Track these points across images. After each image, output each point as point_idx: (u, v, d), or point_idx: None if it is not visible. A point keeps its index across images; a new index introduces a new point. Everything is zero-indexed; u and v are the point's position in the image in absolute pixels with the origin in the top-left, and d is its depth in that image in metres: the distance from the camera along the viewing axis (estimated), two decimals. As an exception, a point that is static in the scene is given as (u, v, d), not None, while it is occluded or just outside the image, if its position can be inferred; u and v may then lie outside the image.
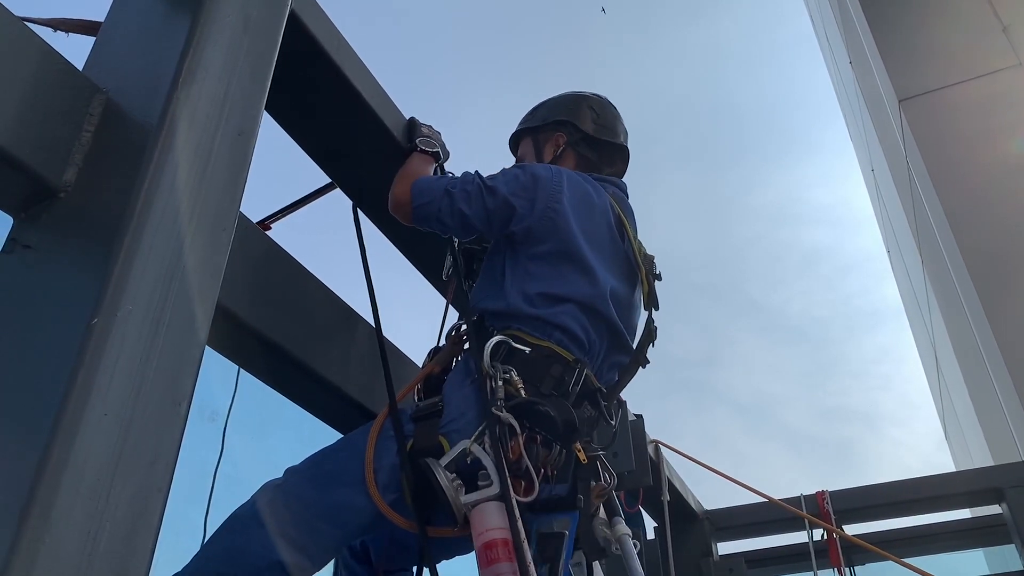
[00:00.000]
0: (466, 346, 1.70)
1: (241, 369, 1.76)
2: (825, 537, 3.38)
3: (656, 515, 3.27)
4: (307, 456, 1.57)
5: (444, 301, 2.11)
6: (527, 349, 1.54)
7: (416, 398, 1.67)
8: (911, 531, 3.52)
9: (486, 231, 1.73)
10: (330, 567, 1.82)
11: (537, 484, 1.39)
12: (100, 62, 1.13)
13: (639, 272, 1.82)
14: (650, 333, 1.83)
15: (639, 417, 2.85)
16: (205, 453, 1.73)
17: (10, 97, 0.94)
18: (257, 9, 1.20)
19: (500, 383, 1.45)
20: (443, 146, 1.91)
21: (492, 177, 1.72)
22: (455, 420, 1.48)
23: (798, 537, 3.58)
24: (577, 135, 1.97)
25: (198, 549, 1.45)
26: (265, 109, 1.19)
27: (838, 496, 3.50)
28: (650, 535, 3.42)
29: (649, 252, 1.89)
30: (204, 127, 1.02)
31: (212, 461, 1.72)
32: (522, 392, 1.46)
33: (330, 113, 1.74)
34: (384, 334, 1.82)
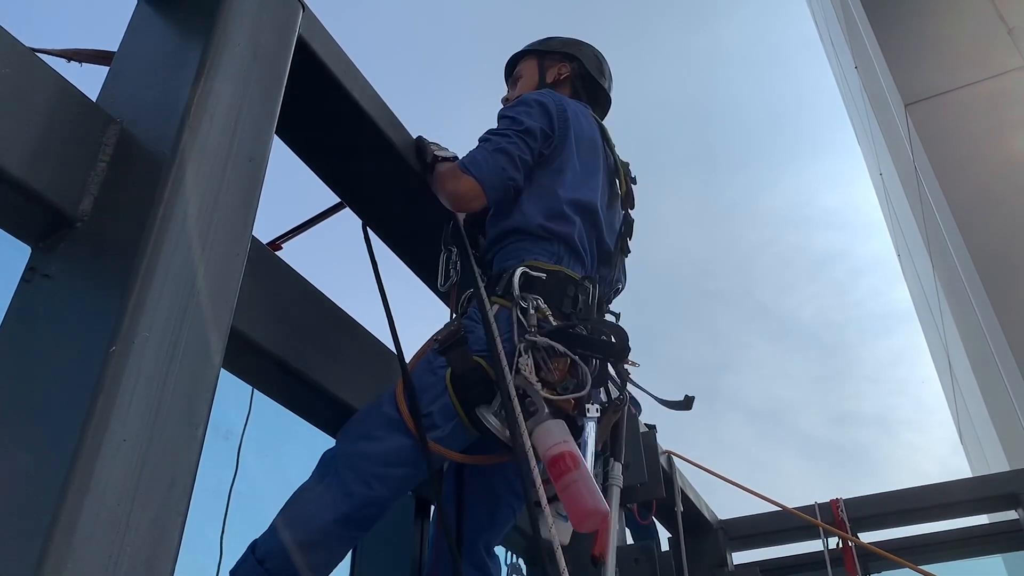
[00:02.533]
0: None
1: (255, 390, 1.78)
2: (840, 545, 3.36)
3: (670, 526, 3.26)
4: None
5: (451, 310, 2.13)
6: (543, 275, 1.66)
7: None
8: (927, 538, 3.49)
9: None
10: None
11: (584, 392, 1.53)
12: (114, 92, 1.15)
13: (618, 176, 2.03)
14: (629, 225, 2.04)
15: (652, 428, 2.84)
16: (220, 471, 1.75)
17: (26, 128, 0.96)
18: (266, 36, 1.22)
19: (532, 311, 1.57)
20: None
21: (508, 124, 1.81)
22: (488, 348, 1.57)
23: (813, 546, 3.56)
24: (580, 71, 2.17)
25: (268, 524, 1.53)
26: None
27: (853, 504, 3.48)
28: (664, 546, 3.41)
29: (625, 159, 2.10)
30: (216, 155, 1.04)
31: (227, 479, 1.74)
32: (550, 317, 1.58)
33: (338, 134, 1.76)
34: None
